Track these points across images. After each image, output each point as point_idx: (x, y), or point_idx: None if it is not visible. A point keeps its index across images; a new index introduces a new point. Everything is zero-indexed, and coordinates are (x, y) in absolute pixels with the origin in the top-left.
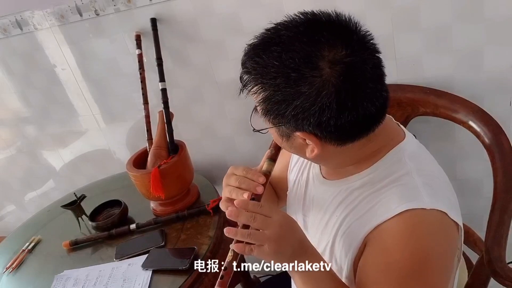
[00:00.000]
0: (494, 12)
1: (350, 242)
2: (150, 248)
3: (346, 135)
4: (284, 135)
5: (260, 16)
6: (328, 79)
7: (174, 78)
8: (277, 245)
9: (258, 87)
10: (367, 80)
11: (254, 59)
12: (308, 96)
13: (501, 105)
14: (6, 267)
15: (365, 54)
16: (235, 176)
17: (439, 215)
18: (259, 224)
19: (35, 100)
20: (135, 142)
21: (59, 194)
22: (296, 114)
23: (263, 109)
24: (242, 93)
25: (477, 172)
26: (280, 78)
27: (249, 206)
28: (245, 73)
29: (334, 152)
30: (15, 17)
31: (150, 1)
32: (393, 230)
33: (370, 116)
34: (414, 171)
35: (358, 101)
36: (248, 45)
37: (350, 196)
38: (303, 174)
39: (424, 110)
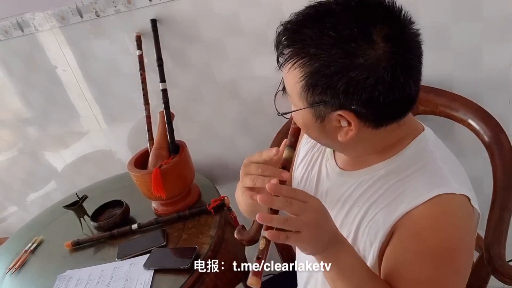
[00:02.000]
0: (492, 10)
1: (376, 232)
2: (152, 248)
3: (386, 116)
4: (320, 116)
5: (260, 16)
6: (383, 53)
7: (174, 78)
8: (315, 231)
9: (306, 59)
10: (415, 59)
11: (302, 31)
12: (364, 68)
13: (501, 103)
14: (9, 267)
15: (412, 35)
16: (256, 164)
17: (465, 200)
18: (296, 210)
19: (36, 101)
20: (136, 142)
21: (61, 194)
22: (348, 88)
23: (308, 84)
24: (283, 67)
25: (477, 170)
26: (336, 49)
27: (283, 191)
28: (287, 47)
29: (366, 137)
30: (16, 19)
31: (150, 2)
32: (425, 215)
33: (410, 97)
34: (439, 158)
35: (407, 78)
36: (285, 22)
37: (374, 185)
38: (313, 169)
39: (423, 109)
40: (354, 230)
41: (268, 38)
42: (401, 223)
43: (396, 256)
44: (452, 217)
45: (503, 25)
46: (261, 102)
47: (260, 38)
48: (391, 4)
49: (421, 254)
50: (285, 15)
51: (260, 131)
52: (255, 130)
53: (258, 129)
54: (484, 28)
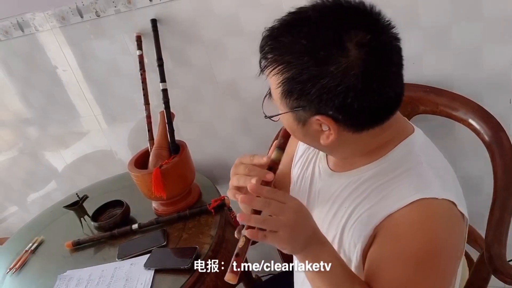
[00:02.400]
0: (493, 10)
1: (359, 233)
2: (152, 247)
3: (364, 121)
4: (301, 120)
5: (260, 16)
6: (355, 61)
7: (174, 78)
8: (292, 231)
9: (282, 66)
10: (391, 65)
11: (278, 39)
12: (335, 76)
13: (501, 103)
14: (9, 267)
15: (388, 40)
16: (244, 165)
17: (449, 205)
18: (274, 210)
19: (37, 101)
20: (137, 142)
21: (61, 195)
22: (321, 95)
23: (284, 91)
24: (263, 74)
25: (477, 169)
26: (307, 56)
27: (263, 192)
28: (268, 53)
29: (349, 140)
30: (16, 19)
31: (150, 2)
32: (406, 218)
33: (389, 102)
34: (425, 162)
35: (382, 84)
36: (268, 28)
37: (360, 187)
38: (308, 169)
39: (424, 109)
40: (340, 230)
41: None
42: (383, 225)
43: (377, 257)
44: (432, 221)
45: (503, 25)
46: (261, 102)
47: (260, 38)
48: (369, 8)
49: (401, 256)
50: None
51: (260, 131)
52: (255, 130)
53: (258, 129)
54: (485, 28)
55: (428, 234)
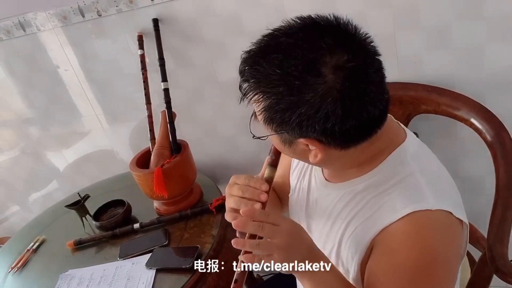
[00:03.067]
0: (494, 10)
1: (356, 246)
2: (154, 247)
3: (350, 140)
4: (287, 142)
5: (261, 16)
6: (332, 86)
7: (176, 78)
8: (287, 253)
9: (259, 96)
10: (370, 83)
11: (254, 67)
12: (313, 103)
13: (503, 103)
14: (11, 267)
15: (367, 57)
16: (238, 186)
17: (444, 215)
18: (267, 233)
19: (38, 101)
20: (138, 142)
21: (62, 194)
22: (301, 122)
23: (265, 117)
24: (243, 101)
25: (479, 169)
26: (282, 87)
27: (256, 215)
28: (245, 82)
29: (338, 156)
30: (18, 19)
31: (152, 2)
32: (399, 232)
33: (373, 119)
34: (417, 171)
35: (362, 105)
36: (245, 52)
37: (354, 200)
38: (305, 178)
39: (426, 108)
40: (337, 243)
41: None
42: (378, 239)
43: (374, 270)
44: (427, 233)
45: (505, 24)
46: None
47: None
48: (344, 25)
49: (396, 270)
50: (286, 14)
51: None
52: None
53: None
54: (487, 27)
55: (422, 247)
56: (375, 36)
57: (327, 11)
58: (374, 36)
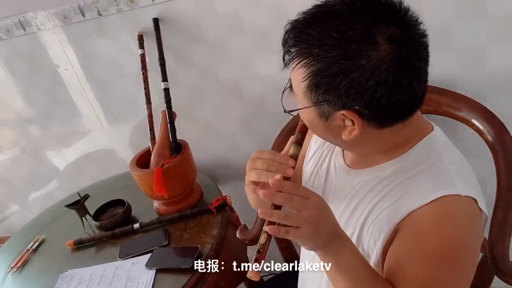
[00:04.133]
0: (496, 9)
1: (380, 230)
2: (154, 247)
3: (390, 116)
4: (324, 115)
5: (262, 15)
6: (386, 55)
7: (176, 77)
8: (315, 228)
9: (310, 59)
10: (420, 60)
11: (306, 31)
12: (366, 69)
13: (504, 103)
14: (10, 266)
15: (417, 35)
16: (262, 160)
17: (471, 202)
18: (297, 205)
19: (39, 100)
20: (138, 141)
21: (62, 194)
22: (350, 89)
23: (311, 84)
24: (287, 67)
25: (480, 170)
26: (338, 50)
27: (285, 187)
28: (293, 47)
29: (371, 136)
30: (18, 18)
31: (152, 1)
32: (429, 215)
33: (415, 98)
34: (447, 159)
35: (411, 80)
36: (293, 20)
37: (380, 184)
38: (323, 165)
39: (426, 108)
40: (359, 228)
41: (271, 37)
42: (404, 223)
43: (398, 255)
44: (456, 219)
45: (507, 24)
46: (264, 102)
47: (262, 37)
48: (398, 4)
49: (423, 254)
50: (288, 14)
51: (263, 130)
52: (258, 129)
53: (261, 129)
54: (488, 27)
55: (451, 233)
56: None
57: None
58: None
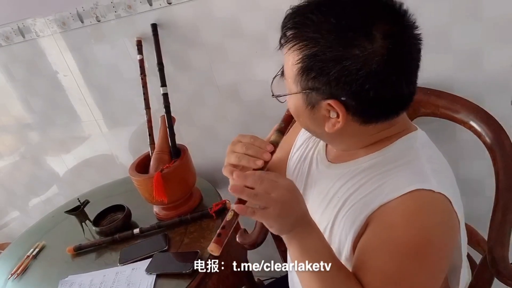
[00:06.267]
0: (492, 11)
1: (351, 222)
2: (154, 252)
3: (375, 113)
4: (310, 103)
5: (260, 19)
6: (379, 49)
7: (175, 82)
8: (282, 209)
9: (306, 43)
10: (412, 61)
11: (306, 15)
12: (359, 59)
13: (502, 105)
14: (11, 273)
15: (413, 38)
16: (242, 143)
17: (445, 200)
18: (266, 186)
19: (38, 106)
20: (138, 146)
21: (62, 199)
22: (340, 77)
23: (303, 67)
24: (283, 48)
25: (479, 172)
26: (334, 36)
27: (256, 172)
28: (291, 29)
29: (353, 131)
30: (17, 25)
31: (150, 7)
32: (399, 209)
33: (402, 98)
34: (424, 157)
35: (400, 77)
36: (295, 6)
37: (355, 177)
38: (306, 159)
39: (424, 111)
40: (332, 221)
41: (269, 41)
42: (376, 215)
43: (366, 246)
44: (427, 213)
45: (503, 25)
46: (262, 105)
47: (260, 41)
48: (398, 5)
49: (390, 246)
50: None
51: (262, 134)
52: (257, 133)
53: (260, 132)
54: (485, 29)
55: (419, 227)
56: None
57: None
58: None
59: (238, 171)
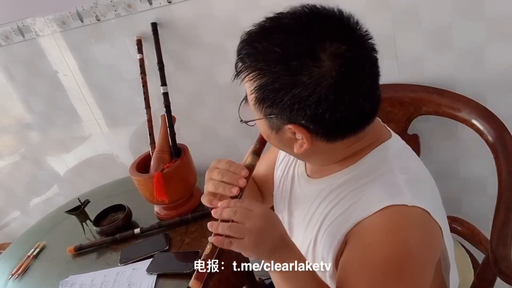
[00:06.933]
0: (494, 10)
1: (331, 240)
2: (155, 252)
3: (337, 131)
4: (274, 128)
5: (260, 18)
6: (328, 72)
7: (175, 82)
8: (257, 238)
9: (255, 73)
10: (365, 77)
11: (253, 45)
12: (307, 86)
13: (504, 103)
14: (11, 273)
15: (364, 51)
16: (218, 170)
17: (421, 212)
18: (240, 217)
19: (38, 106)
20: (138, 146)
21: (63, 199)
22: (293, 104)
23: (257, 97)
24: (236, 79)
25: (481, 170)
26: (280, 65)
27: (230, 203)
28: (242, 59)
29: (322, 149)
30: (17, 24)
31: (150, 6)
32: (374, 226)
33: (363, 114)
34: (398, 169)
35: (354, 96)
36: (246, 32)
37: (332, 193)
38: (289, 173)
39: (426, 109)
40: (314, 238)
41: None
42: (353, 232)
43: (346, 265)
44: (401, 228)
45: (505, 24)
46: None
47: None
48: (346, 19)
49: (368, 265)
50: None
51: None
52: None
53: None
54: (487, 27)
55: (395, 241)
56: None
57: None
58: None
59: (215, 209)
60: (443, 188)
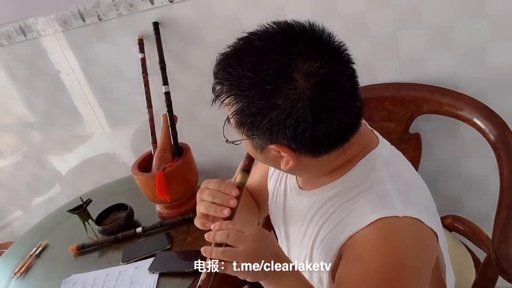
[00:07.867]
0: (496, 8)
1: (326, 253)
2: (157, 251)
3: (321, 147)
4: (258, 147)
5: (261, 17)
6: (303, 92)
7: (177, 81)
8: (251, 260)
9: (231, 99)
10: (342, 92)
11: (227, 70)
12: (283, 108)
13: (506, 102)
14: (14, 272)
15: (339, 66)
16: (208, 191)
17: (412, 222)
18: (233, 240)
19: (40, 105)
20: (140, 145)
21: (65, 198)
22: (271, 127)
23: (236, 121)
24: (215, 104)
25: (483, 169)
26: (254, 90)
27: (222, 226)
28: (218, 84)
29: (309, 164)
30: (19, 24)
31: (152, 5)
32: (366, 239)
33: (344, 127)
34: (387, 178)
35: (333, 113)
36: (220, 54)
37: (324, 206)
38: (281, 184)
39: (428, 108)
40: (310, 250)
41: None
42: (346, 246)
43: (342, 279)
44: (393, 241)
45: (507, 22)
46: None
47: None
48: (318, 33)
49: (363, 277)
50: (286, 16)
51: None
52: None
53: None
54: (488, 26)
55: (388, 254)
56: (377, 36)
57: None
58: (374, 36)
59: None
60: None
